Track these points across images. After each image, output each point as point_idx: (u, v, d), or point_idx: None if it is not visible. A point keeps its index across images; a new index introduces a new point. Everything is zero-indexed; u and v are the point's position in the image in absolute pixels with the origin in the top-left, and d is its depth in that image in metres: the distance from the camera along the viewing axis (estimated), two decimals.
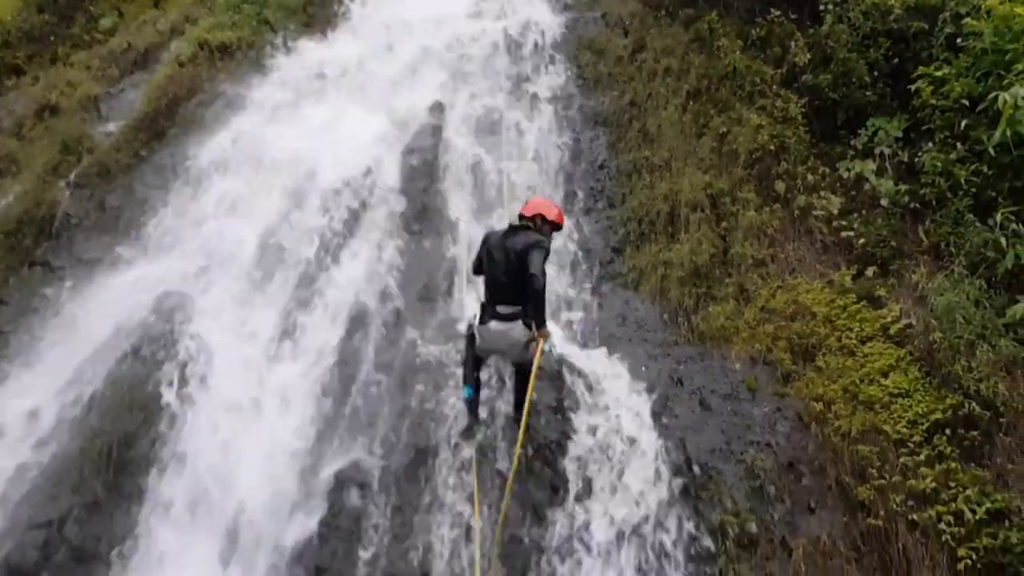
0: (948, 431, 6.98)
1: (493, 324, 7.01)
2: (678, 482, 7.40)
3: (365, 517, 7.27)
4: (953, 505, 6.55)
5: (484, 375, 7.91)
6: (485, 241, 7.38)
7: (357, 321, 9.10)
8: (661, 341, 9.25)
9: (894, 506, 6.66)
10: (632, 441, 8.03)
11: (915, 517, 6.58)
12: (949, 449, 6.87)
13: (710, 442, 7.71)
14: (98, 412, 7.66)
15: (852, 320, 8.19)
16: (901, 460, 6.93)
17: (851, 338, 8.06)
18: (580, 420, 8.41)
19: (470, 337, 7.29)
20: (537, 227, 7.28)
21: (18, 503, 7.02)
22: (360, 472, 7.53)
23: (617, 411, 8.47)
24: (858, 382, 7.62)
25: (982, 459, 6.85)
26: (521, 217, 7.42)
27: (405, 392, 8.35)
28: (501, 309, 6.98)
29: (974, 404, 6.97)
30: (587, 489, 7.67)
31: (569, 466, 7.90)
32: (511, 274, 6.92)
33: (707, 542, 6.88)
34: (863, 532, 6.72)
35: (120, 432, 7.49)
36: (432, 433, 7.98)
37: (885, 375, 7.59)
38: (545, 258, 6.96)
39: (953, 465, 6.77)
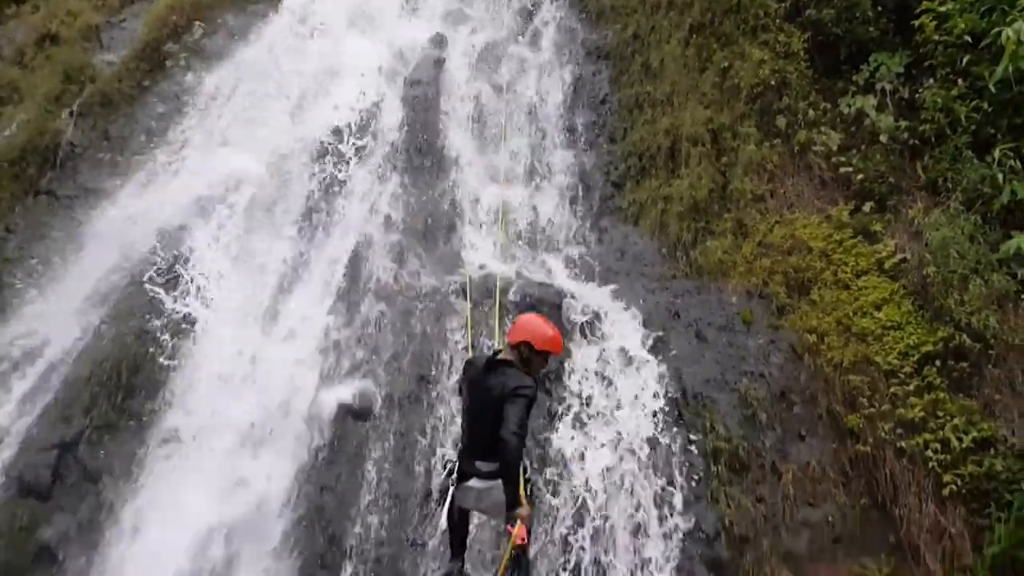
0: (938, 362, 7.14)
1: (472, 483, 5.52)
2: (673, 410, 7.60)
3: (369, 442, 7.45)
4: (940, 433, 6.74)
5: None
6: (465, 370, 5.87)
7: (360, 252, 9.21)
8: (659, 275, 9.38)
9: (883, 434, 6.85)
10: (629, 371, 8.21)
11: (903, 445, 6.77)
12: (938, 380, 7.04)
13: (705, 372, 7.89)
14: (105, 339, 7.81)
15: (848, 255, 8.31)
16: (891, 390, 7.11)
17: (846, 272, 8.19)
18: (578, 352, 8.58)
19: (443, 494, 5.84)
20: (523, 358, 5.49)
21: (30, 425, 7.20)
22: (364, 398, 7.70)
23: (615, 343, 8.63)
24: (851, 315, 7.77)
25: (970, 390, 7.02)
26: (507, 346, 5.65)
27: (407, 322, 8.50)
28: (481, 466, 5.44)
29: (965, 336, 7.12)
30: (584, 417, 7.87)
31: (566, 395, 8.11)
32: (490, 424, 5.27)
33: (700, 466, 7.10)
34: (851, 459, 6.93)
35: (127, 358, 7.66)
36: (434, 361, 8.16)
37: (878, 308, 7.73)
38: (528, 409, 5.28)
39: (942, 395, 6.95)
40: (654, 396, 7.74)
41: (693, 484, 7.02)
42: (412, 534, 6.90)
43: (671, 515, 6.82)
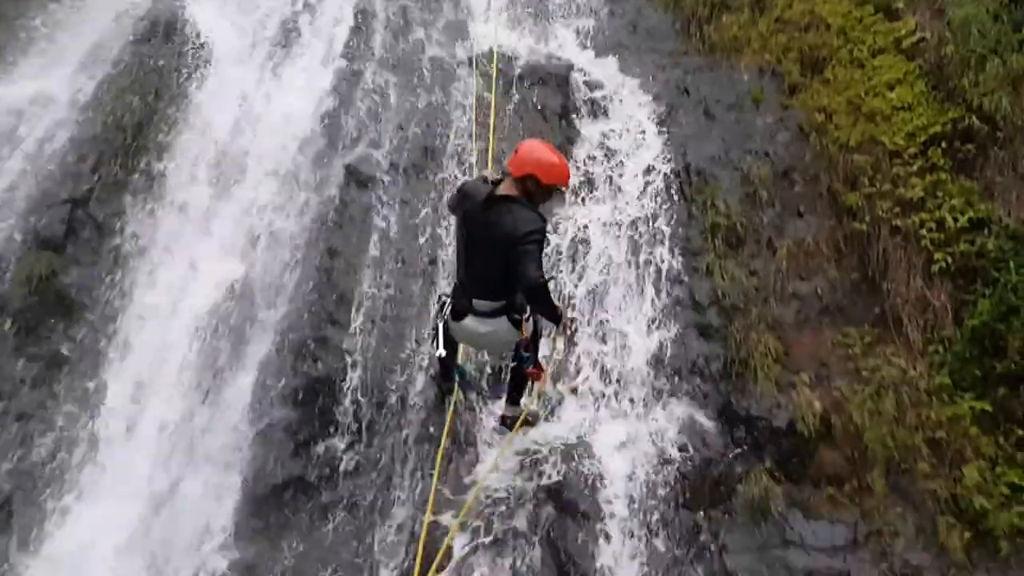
0: (944, 144, 7.11)
1: (469, 321, 5.31)
2: (675, 186, 7.68)
3: (375, 209, 7.57)
4: (937, 213, 6.82)
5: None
6: (462, 196, 5.29)
7: (363, 19, 8.96)
8: (671, 51, 9.18)
9: (880, 212, 6.94)
10: (634, 147, 8.23)
11: (899, 223, 6.87)
12: (943, 161, 7.03)
13: (710, 150, 7.91)
14: (110, 95, 7.75)
15: (866, 32, 8.08)
16: (894, 170, 7.12)
17: (862, 51, 8.00)
18: (585, 126, 8.56)
19: (435, 331, 5.63)
20: (529, 193, 5.05)
21: (41, 180, 7.28)
22: (369, 166, 7.75)
23: (621, 118, 8.59)
24: (863, 94, 7.66)
25: (972, 171, 7.03)
26: (509, 178, 5.17)
27: (412, 91, 8.41)
28: (479, 304, 5.23)
29: (974, 118, 7.06)
30: (588, 191, 7.97)
31: (572, 169, 8.14)
32: (493, 263, 5.01)
33: (698, 240, 7.26)
34: (847, 236, 7.06)
35: (134, 114, 7.64)
36: (438, 131, 8.15)
37: (891, 88, 7.60)
38: (542, 250, 5.01)
39: (944, 176, 6.97)
40: (657, 172, 7.80)
41: (689, 257, 7.21)
42: (418, 298, 7.16)
43: (666, 283, 7.06)
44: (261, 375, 6.56)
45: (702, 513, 5.83)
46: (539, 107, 8.48)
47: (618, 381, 6.57)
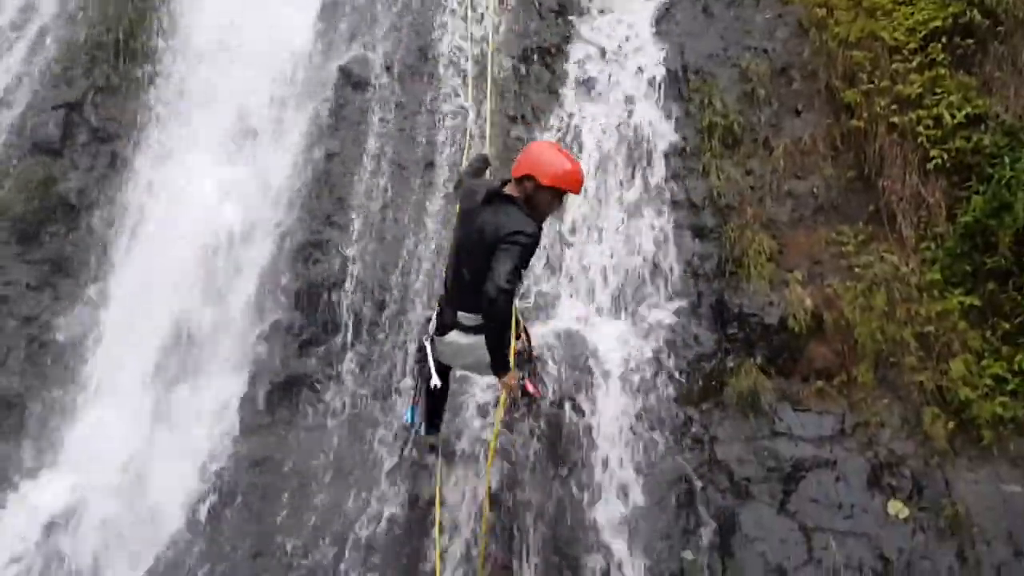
0: (944, 39, 6.99)
1: (453, 336, 4.71)
2: (672, 85, 7.62)
3: (370, 110, 7.55)
4: (935, 110, 6.76)
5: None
6: (462, 198, 4.81)
7: None
8: None
9: (878, 109, 6.88)
10: (632, 47, 8.13)
11: (896, 120, 6.82)
12: (942, 56, 6.93)
13: (708, 47, 7.81)
14: (95, 3, 7.64)
15: None
16: (893, 66, 7.04)
17: None
18: (581, 25, 8.44)
19: (422, 351, 5.04)
20: (528, 196, 4.49)
21: (35, 87, 7.25)
22: (364, 67, 7.69)
23: (619, 18, 8.46)
24: None
25: (972, 67, 6.94)
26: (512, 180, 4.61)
27: None
28: (463, 317, 4.62)
29: (976, 12, 6.93)
30: (584, 92, 7.91)
31: (569, 69, 8.09)
32: (476, 270, 4.40)
33: (695, 140, 7.25)
34: (843, 133, 7.03)
35: (124, 18, 7.54)
36: (433, 33, 8.04)
37: None
38: (523, 259, 4.33)
39: (942, 72, 6.89)
40: (654, 71, 7.74)
41: (686, 157, 7.22)
42: (415, 201, 7.21)
43: (661, 184, 7.09)
44: (262, 278, 6.68)
45: (693, 407, 6.01)
46: (537, 4, 8.35)
47: (614, 280, 6.66)
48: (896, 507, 5.42)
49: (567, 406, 5.86)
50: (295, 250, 6.71)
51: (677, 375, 6.13)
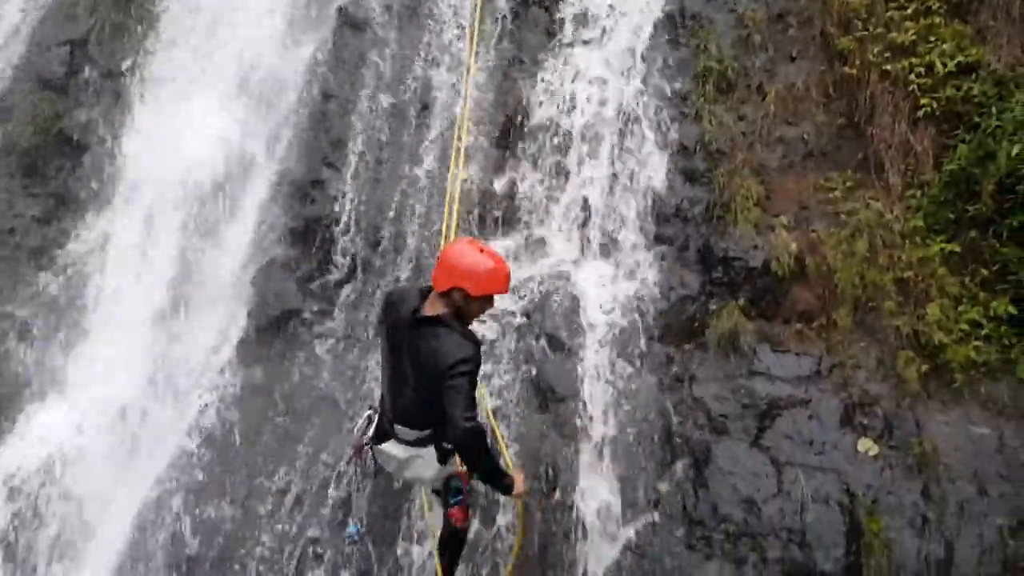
0: None
1: (390, 447, 4.33)
2: (668, 29, 7.65)
3: (368, 53, 7.62)
4: (927, 58, 6.78)
5: None
6: (386, 309, 4.28)
7: None
8: None
9: (871, 56, 6.90)
10: None
11: (888, 68, 6.85)
12: (937, 5, 6.94)
13: None
14: None
15: None
16: (888, 13, 7.03)
17: None
18: None
19: (359, 452, 4.59)
20: (457, 308, 4.04)
21: (38, 24, 7.35)
22: (362, 8, 7.74)
23: None
24: None
25: (967, 15, 6.94)
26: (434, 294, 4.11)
27: None
28: (401, 431, 4.24)
29: None
30: (580, 36, 7.95)
31: (566, 10, 8.10)
32: (419, 393, 4.07)
33: (688, 84, 7.31)
34: (836, 80, 7.06)
35: None
36: None
37: None
38: (473, 383, 3.97)
39: (937, 20, 6.88)
40: (650, 14, 7.76)
41: (679, 102, 7.29)
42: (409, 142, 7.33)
43: (654, 129, 7.17)
44: (260, 215, 6.84)
45: (674, 347, 6.18)
46: None
47: (602, 223, 6.79)
48: (866, 444, 5.61)
49: (548, 342, 6.04)
50: (292, 189, 6.86)
51: (660, 316, 6.29)
